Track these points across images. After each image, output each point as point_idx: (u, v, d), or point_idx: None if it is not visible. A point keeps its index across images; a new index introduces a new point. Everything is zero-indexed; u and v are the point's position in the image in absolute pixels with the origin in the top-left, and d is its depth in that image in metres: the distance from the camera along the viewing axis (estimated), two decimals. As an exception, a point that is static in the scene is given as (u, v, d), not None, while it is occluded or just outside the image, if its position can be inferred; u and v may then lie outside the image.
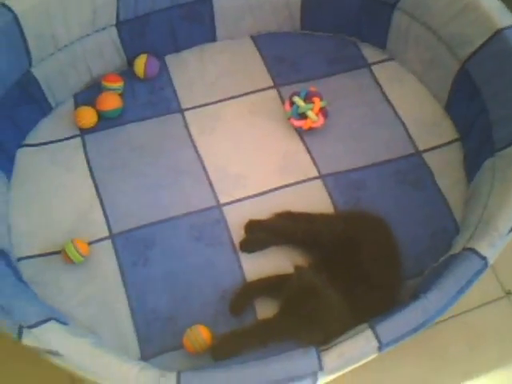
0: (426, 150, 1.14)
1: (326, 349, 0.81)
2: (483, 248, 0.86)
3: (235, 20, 1.22)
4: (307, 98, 1.13)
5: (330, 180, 1.11)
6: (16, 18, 0.96)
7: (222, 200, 1.08)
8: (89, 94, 1.17)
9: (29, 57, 1.03)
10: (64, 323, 0.80)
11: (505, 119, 1.00)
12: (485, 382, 1.00)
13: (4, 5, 0.95)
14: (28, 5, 0.97)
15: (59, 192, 1.08)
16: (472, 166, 1.08)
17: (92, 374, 0.76)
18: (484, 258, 0.85)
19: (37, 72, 1.07)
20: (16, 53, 1.00)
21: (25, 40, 1.00)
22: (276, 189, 1.09)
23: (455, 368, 1.01)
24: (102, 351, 0.77)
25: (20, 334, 0.76)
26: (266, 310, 0.97)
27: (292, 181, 1.10)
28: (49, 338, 0.76)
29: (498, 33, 1.01)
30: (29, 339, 0.76)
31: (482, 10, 1.03)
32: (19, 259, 1.00)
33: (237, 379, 0.77)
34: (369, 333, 0.81)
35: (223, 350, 0.92)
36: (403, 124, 1.17)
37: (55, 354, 0.75)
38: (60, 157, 1.11)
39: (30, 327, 0.76)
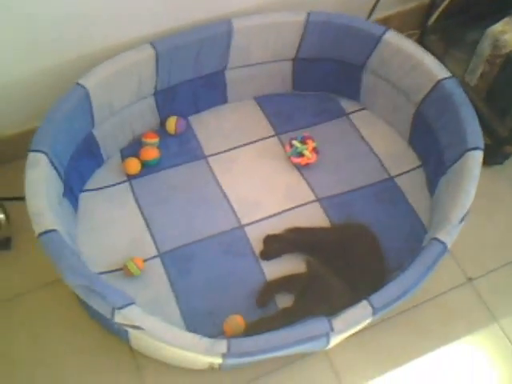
0: (396, 176, 1.43)
1: (334, 316, 1.06)
2: (442, 236, 1.14)
3: (242, 86, 1.52)
4: (302, 141, 1.43)
5: (325, 202, 1.39)
6: (87, 93, 1.25)
7: (243, 222, 1.35)
8: (131, 149, 1.44)
9: (92, 121, 1.31)
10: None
11: (450, 145, 1.30)
12: (454, 348, 1.25)
13: (78, 83, 1.25)
14: (95, 82, 1.26)
15: (115, 224, 1.33)
16: (432, 184, 1.38)
17: (166, 342, 1.01)
18: (443, 243, 1.13)
19: (96, 132, 1.34)
20: (85, 118, 1.29)
21: (91, 108, 1.28)
22: (284, 211, 1.37)
23: (432, 337, 1.26)
24: (172, 325, 1.04)
25: (113, 313, 1.02)
26: (285, 301, 1.23)
27: (296, 204, 1.38)
28: (133, 316, 1.01)
29: (439, 82, 1.33)
30: (119, 317, 1.01)
31: (426, 67, 1.34)
32: (89, 276, 1.27)
33: (273, 339, 1.03)
34: (364, 302, 1.07)
35: (255, 333, 1.15)
36: (377, 157, 1.46)
37: (139, 328, 1.01)
38: (114, 198, 1.37)
39: (120, 308, 1.01)
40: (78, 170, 1.34)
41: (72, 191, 1.32)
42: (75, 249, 1.16)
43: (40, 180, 1.14)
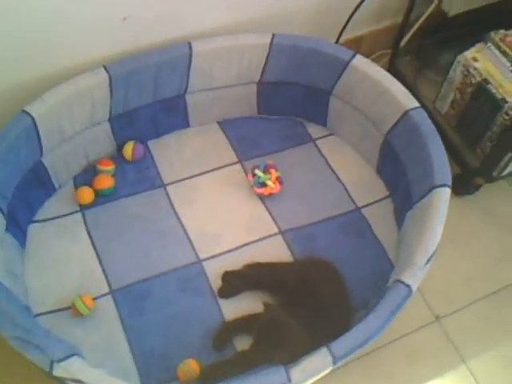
0: (363, 206, 1.37)
1: (292, 366, 1.00)
2: (407, 278, 1.08)
3: (204, 110, 1.45)
4: (265, 170, 1.36)
5: (289, 235, 1.32)
6: (34, 121, 1.17)
7: (202, 256, 1.28)
8: (86, 176, 1.36)
9: (41, 149, 1.23)
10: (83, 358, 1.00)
11: (417, 179, 1.25)
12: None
13: (24, 111, 1.17)
14: (43, 109, 1.18)
15: (65, 259, 1.25)
16: (400, 217, 1.32)
17: (109, 397, 0.95)
18: (408, 286, 1.07)
19: (46, 161, 1.26)
20: (32, 147, 1.21)
21: (39, 136, 1.20)
22: (245, 244, 1.30)
23: (398, 379, 1.21)
24: (116, 379, 0.97)
25: (51, 367, 0.94)
26: (242, 343, 1.16)
27: (258, 237, 1.31)
28: (74, 369, 0.94)
29: (406, 113, 1.27)
30: (58, 371, 0.94)
31: (393, 96, 1.29)
32: (35, 316, 1.17)
33: (224, 393, 0.98)
34: (324, 350, 1.01)
35: (210, 379, 1.10)
36: (344, 186, 1.40)
37: (80, 382, 0.95)
38: (64, 229, 1.29)
39: (59, 361, 0.94)
40: (26, 200, 1.27)
41: (18, 224, 1.24)
42: (17, 291, 1.08)
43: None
